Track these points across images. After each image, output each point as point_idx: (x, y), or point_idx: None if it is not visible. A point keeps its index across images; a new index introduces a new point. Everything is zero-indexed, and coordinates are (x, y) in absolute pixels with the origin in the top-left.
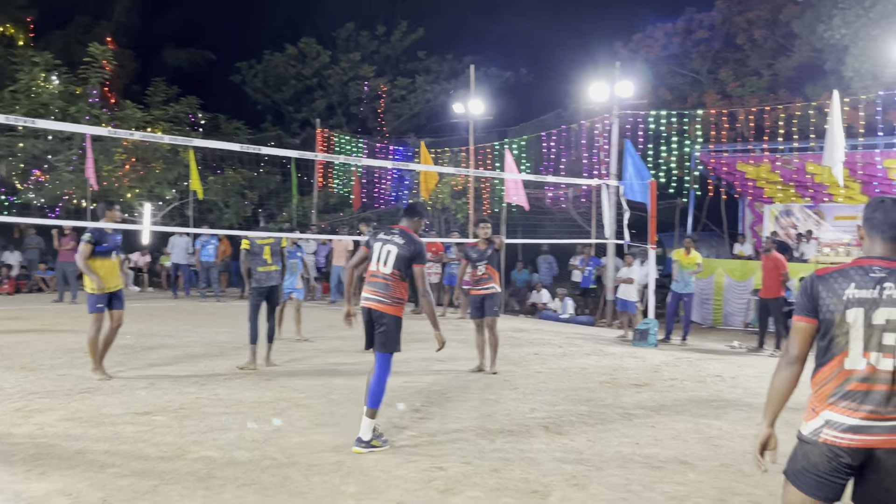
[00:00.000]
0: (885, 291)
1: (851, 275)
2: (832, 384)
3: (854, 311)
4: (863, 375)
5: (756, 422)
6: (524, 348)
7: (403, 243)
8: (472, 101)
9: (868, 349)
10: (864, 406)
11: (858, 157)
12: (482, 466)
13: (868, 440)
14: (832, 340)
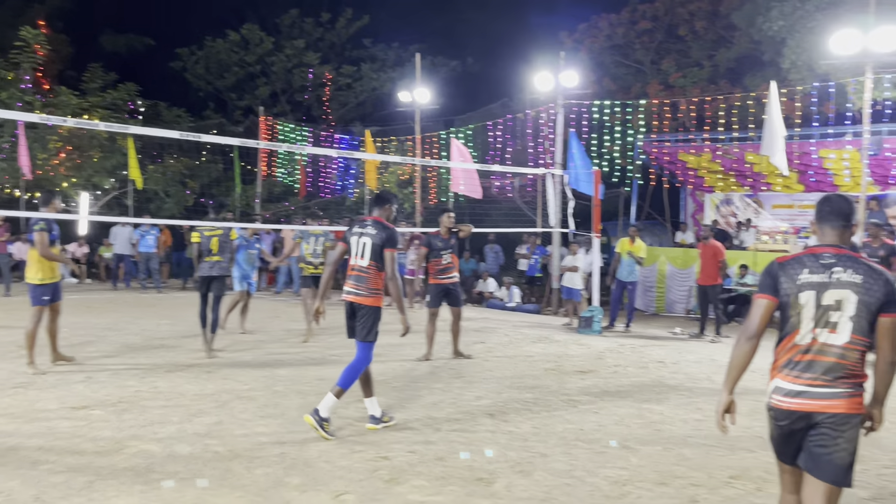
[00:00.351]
0: (833, 275)
1: (805, 261)
2: (785, 356)
3: (806, 294)
4: (806, 347)
5: (697, 406)
6: (470, 337)
7: (375, 233)
8: (419, 89)
9: (817, 326)
10: (806, 374)
11: (795, 147)
12: (427, 455)
13: (805, 404)
14: (788, 319)
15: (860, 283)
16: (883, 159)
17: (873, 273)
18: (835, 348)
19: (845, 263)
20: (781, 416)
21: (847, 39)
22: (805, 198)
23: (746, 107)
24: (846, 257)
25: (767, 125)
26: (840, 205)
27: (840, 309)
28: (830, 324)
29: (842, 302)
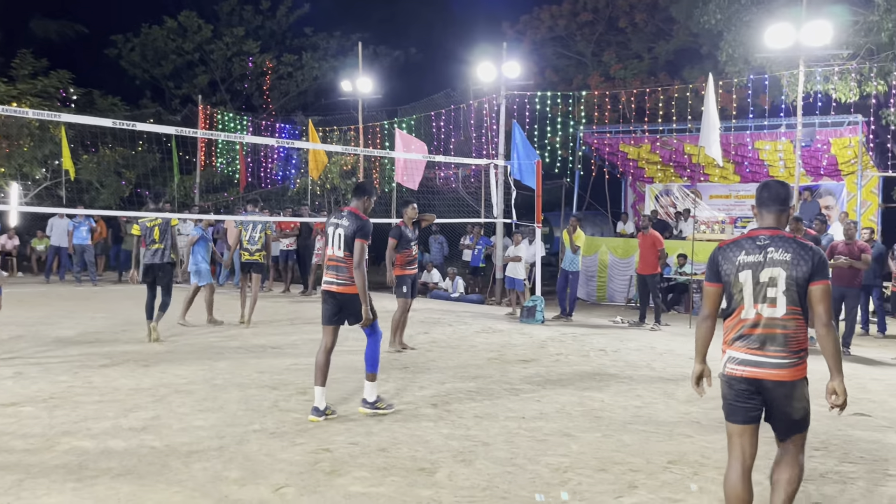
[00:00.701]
0: (768, 255)
1: (742, 244)
2: (734, 331)
3: (745, 273)
4: (753, 322)
5: (637, 393)
6: (415, 328)
7: (348, 224)
8: (361, 79)
9: (757, 301)
10: (753, 345)
11: (732, 139)
12: (369, 446)
13: (755, 371)
14: (732, 297)
15: (789, 261)
16: (815, 150)
17: (802, 250)
18: (776, 321)
19: (777, 244)
20: (736, 383)
21: (781, 33)
22: (741, 188)
23: (685, 99)
24: (779, 238)
25: (705, 117)
26: (778, 190)
27: (775, 285)
28: (769, 299)
29: (775, 279)
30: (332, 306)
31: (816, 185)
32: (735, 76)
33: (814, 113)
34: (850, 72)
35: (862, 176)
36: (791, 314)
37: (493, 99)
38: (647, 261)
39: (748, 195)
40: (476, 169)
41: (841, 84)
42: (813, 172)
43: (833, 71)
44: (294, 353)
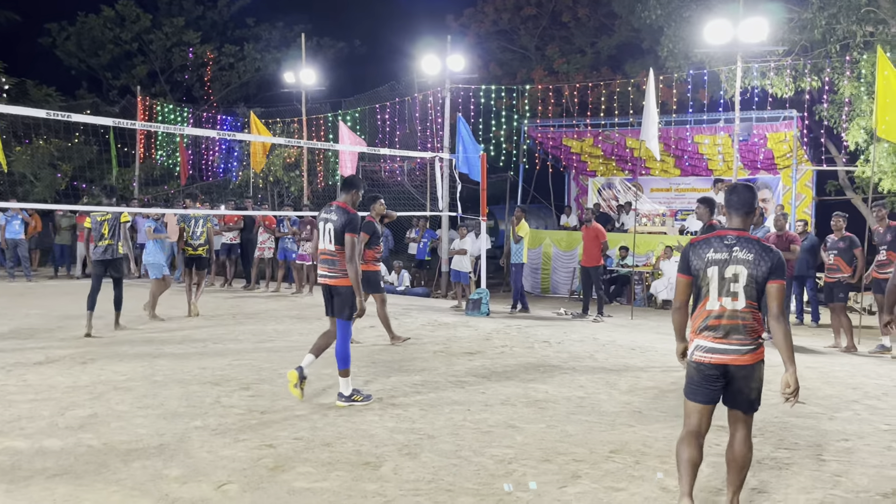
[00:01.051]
0: (733, 253)
1: (711, 242)
2: (700, 320)
3: (712, 269)
4: (718, 313)
5: (580, 384)
6: (361, 321)
7: (337, 218)
8: (304, 70)
9: (721, 295)
10: (719, 334)
11: (672, 133)
12: (314, 441)
13: (721, 358)
14: (700, 290)
15: (751, 260)
16: (752, 145)
17: (763, 251)
18: (737, 312)
19: (743, 244)
20: (705, 368)
21: (719, 30)
22: (682, 181)
23: (627, 93)
24: (745, 239)
25: (645, 111)
26: (745, 196)
27: (737, 281)
28: (732, 293)
29: (738, 275)
30: (328, 298)
31: (754, 179)
32: (675, 71)
33: (751, 108)
34: (785, 68)
35: (797, 170)
36: (749, 307)
37: (438, 92)
38: (590, 253)
39: (688, 188)
40: (421, 162)
41: (777, 80)
42: (750, 166)
43: (769, 67)
44: (237, 348)
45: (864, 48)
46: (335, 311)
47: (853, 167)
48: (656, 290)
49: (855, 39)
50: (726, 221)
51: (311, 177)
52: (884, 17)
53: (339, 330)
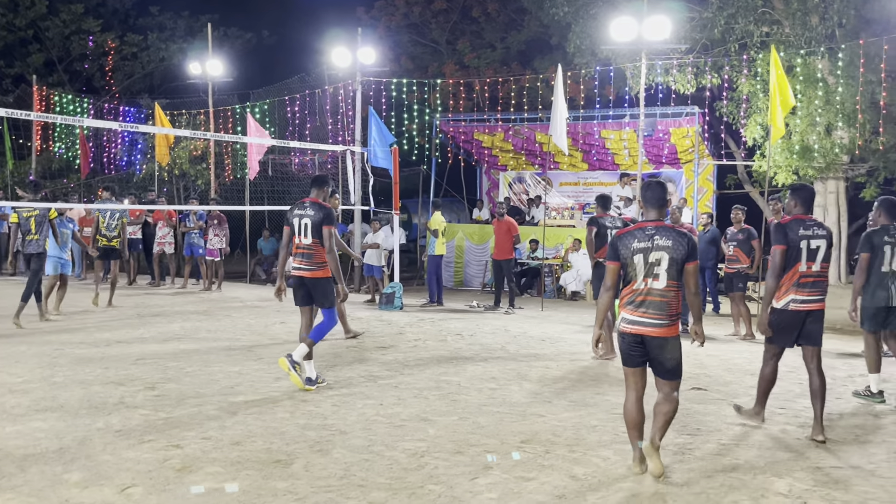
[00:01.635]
0: (655, 241)
1: (635, 234)
2: (627, 297)
3: (638, 256)
4: (641, 291)
5: (492, 375)
6: (270, 317)
7: (313, 213)
8: (211, 61)
9: (647, 276)
10: (640, 309)
11: (580, 128)
12: (223, 441)
13: (638, 329)
14: (628, 274)
15: (671, 246)
16: (657, 140)
17: (680, 237)
18: (659, 291)
19: (661, 233)
20: (627, 337)
21: (624, 27)
22: (589, 175)
23: (536, 88)
24: (662, 228)
25: (554, 107)
26: (658, 192)
27: (660, 264)
28: (655, 275)
29: (660, 259)
30: (304, 290)
31: (659, 173)
32: (583, 67)
33: (655, 104)
34: (687, 65)
35: (698, 164)
36: (670, 287)
37: (349, 84)
38: (501, 246)
39: (596, 182)
40: (333, 155)
41: (679, 77)
42: (655, 160)
43: (672, 64)
44: (141, 348)
45: (760, 47)
46: (317, 302)
47: (751, 162)
48: (566, 282)
49: (752, 39)
50: (644, 214)
51: (219, 170)
52: (778, 18)
53: (326, 317)
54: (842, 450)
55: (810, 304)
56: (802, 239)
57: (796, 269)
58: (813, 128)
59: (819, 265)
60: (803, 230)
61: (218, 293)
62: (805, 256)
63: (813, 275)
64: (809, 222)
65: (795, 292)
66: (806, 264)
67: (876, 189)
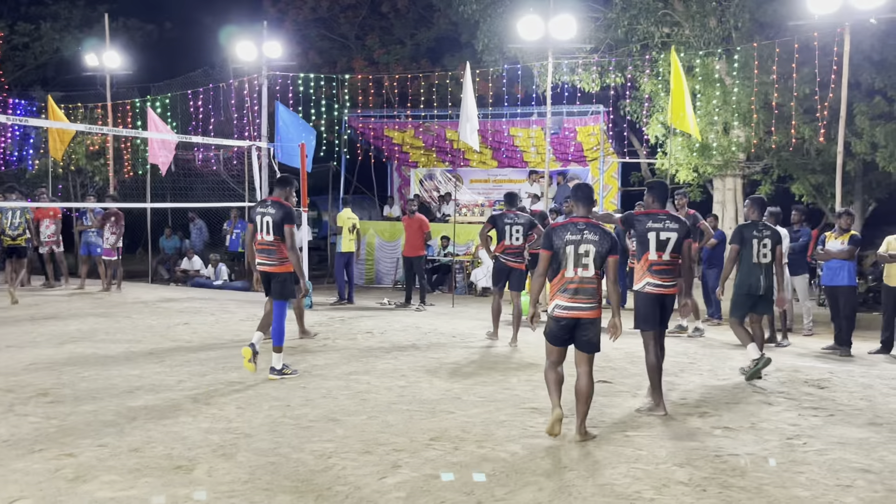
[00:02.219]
0: (584, 235)
1: (567, 227)
2: (559, 285)
3: (569, 247)
4: (571, 279)
5: (402, 374)
6: (173, 318)
7: (275, 211)
8: (108, 53)
9: (576, 266)
10: (576, 296)
11: (489, 126)
12: (120, 448)
13: (572, 313)
14: (559, 262)
15: (597, 240)
16: (563, 138)
17: (604, 234)
18: (587, 279)
19: (590, 229)
20: (561, 320)
21: (531, 25)
22: (499, 173)
23: (446, 86)
24: (591, 224)
25: (463, 105)
26: (587, 192)
27: (588, 255)
28: (583, 265)
29: (588, 251)
30: (266, 283)
31: (566, 170)
32: (491, 65)
33: (562, 102)
34: (592, 65)
35: (604, 162)
36: (595, 275)
37: (255, 79)
38: (412, 243)
39: (505, 179)
40: (239, 151)
41: (585, 75)
42: (562, 158)
43: (578, 63)
44: (34, 352)
45: (661, 48)
46: (273, 293)
47: (653, 160)
48: (476, 279)
49: (653, 40)
50: (574, 210)
51: (118, 166)
52: (678, 20)
53: (276, 310)
54: (739, 437)
55: (664, 289)
56: (650, 231)
57: (646, 258)
58: (711, 126)
59: (669, 255)
60: (652, 223)
61: (118, 294)
62: (654, 246)
63: (664, 263)
64: (661, 216)
65: (650, 277)
66: (656, 253)
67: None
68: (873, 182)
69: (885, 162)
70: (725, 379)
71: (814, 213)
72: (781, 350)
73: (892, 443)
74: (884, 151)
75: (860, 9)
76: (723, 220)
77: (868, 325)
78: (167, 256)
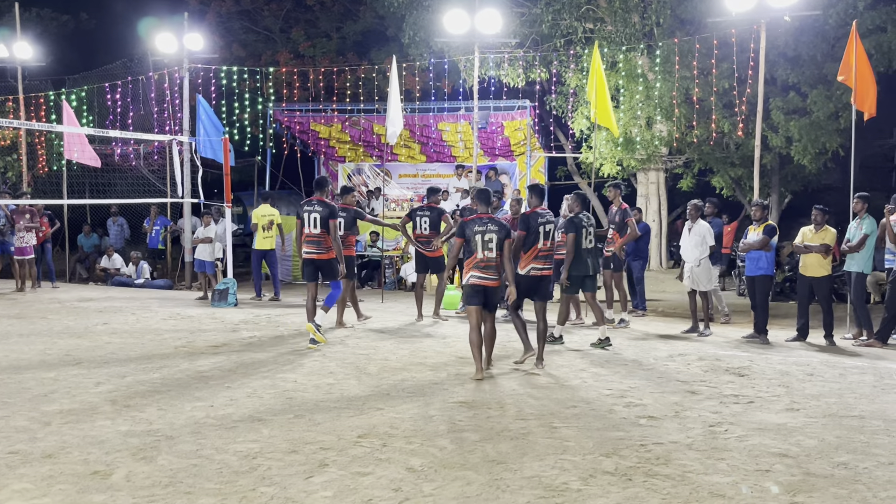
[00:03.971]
0: (488, 227)
1: (476, 221)
2: (471, 263)
3: (478, 236)
4: (481, 259)
5: (329, 370)
6: (92, 318)
7: (321, 209)
8: (19, 43)
9: (483, 250)
10: (484, 271)
11: (417, 120)
12: (33, 454)
13: (482, 281)
14: (472, 247)
15: (496, 230)
16: (491, 132)
17: (500, 225)
18: (491, 259)
19: (492, 222)
20: (475, 286)
21: (457, 19)
22: (427, 167)
23: (372, 79)
24: (490, 219)
25: (389, 98)
26: (488, 195)
27: (492, 242)
28: (489, 248)
29: (491, 238)
30: (312, 269)
31: (493, 165)
32: (418, 59)
33: (488, 97)
34: (517, 59)
35: (531, 156)
36: (497, 255)
37: (176, 72)
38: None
39: (434, 174)
40: (160, 145)
41: (510, 70)
42: (489, 153)
43: (503, 58)
44: None
45: (585, 43)
46: (326, 277)
47: (578, 154)
48: (405, 273)
49: (577, 35)
50: (478, 209)
51: (32, 161)
52: (602, 16)
53: (335, 287)
54: (662, 426)
55: (544, 271)
56: (540, 225)
57: (536, 247)
58: (635, 121)
59: (550, 243)
60: (540, 219)
61: (32, 294)
62: (542, 237)
63: (546, 250)
64: (543, 213)
65: (534, 262)
66: (543, 243)
67: (692, 179)
68: (789, 175)
69: (799, 155)
70: (650, 368)
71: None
72: (704, 339)
73: (808, 427)
74: (797, 145)
75: (775, 6)
76: (646, 212)
77: (786, 313)
78: (86, 255)
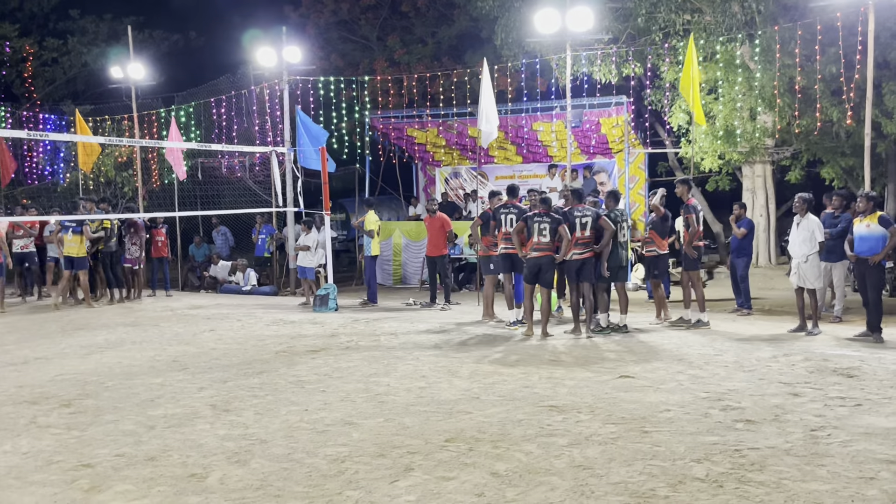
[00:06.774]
0: (543, 219)
1: (535, 216)
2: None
3: (534, 225)
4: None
5: (422, 374)
6: (200, 325)
7: (518, 212)
8: (133, 65)
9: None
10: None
11: (510, 122)
12: (137, 457)
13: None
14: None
15: (550, 221)
16: (586, 130)
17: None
18: (543, 243)
19: (547, 216)
20: (531, 261)
21: (548, 19)
22: (524, 168)
23: (465, 83)
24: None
25: (481, 101)
26: (549, 201)
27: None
28: (543, 234)
29: (545, 228)
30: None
31: (592, 163)
32: (510, 60)
33: (581, 95)
34: (610, 55)
35: (629, 153)
36: (550, 241)
37: (276, 84)
38: (434, 243)
39: (530, 175)
40: (263, 157)
41: (603, 67)
42: (585, 151)
43: (597, 55)
44: (61, 363)
45: (683, 35)
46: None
47: (678, 149)
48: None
49: (674, 27)
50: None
51: (147, 176)
52: (699, 6)
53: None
54: (760, 430)
55: (585, 254)
56: (576, 218)
57: (575, 236)
58: (735, 112)
59: (588, 232)
60: (577, 213)
61: (139, 303)
62: (578, 228)
63: (584, 238)
64: (581, 208)
65: (574, 249)
66: (580, 232)
67: (801, 172)
68: None
69: None
70: (751, 370)
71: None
72: (811, 338)
73: None
74: None
75: None
76: (753, 207)
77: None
78: (197, 264)
